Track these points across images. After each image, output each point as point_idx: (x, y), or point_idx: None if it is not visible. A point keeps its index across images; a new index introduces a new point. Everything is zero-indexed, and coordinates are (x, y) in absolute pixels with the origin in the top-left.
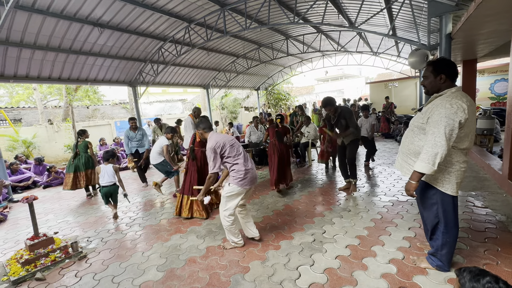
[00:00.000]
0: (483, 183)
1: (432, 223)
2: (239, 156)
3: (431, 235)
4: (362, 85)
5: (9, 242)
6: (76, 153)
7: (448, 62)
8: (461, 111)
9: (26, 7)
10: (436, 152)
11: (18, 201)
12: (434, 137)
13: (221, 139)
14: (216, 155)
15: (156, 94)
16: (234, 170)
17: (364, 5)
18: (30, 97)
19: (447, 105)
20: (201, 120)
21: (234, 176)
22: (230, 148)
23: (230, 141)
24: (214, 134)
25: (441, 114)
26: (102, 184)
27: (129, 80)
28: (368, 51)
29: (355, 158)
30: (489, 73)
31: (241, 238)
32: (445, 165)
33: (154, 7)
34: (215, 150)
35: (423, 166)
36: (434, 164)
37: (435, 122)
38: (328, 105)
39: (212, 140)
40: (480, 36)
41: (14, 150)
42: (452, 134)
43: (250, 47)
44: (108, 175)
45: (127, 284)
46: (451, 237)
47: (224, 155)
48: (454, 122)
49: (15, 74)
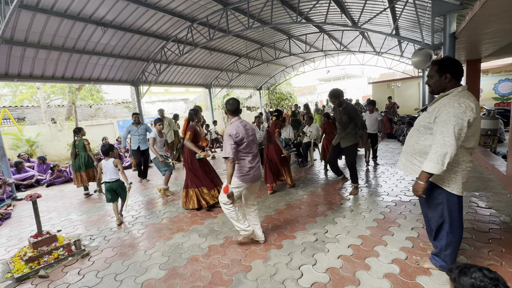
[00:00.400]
0: (487, 184)
1: (437, 223)
2: (249, 154)
3: (435, 236)
4: (364, 85)
5: (13, 239)
6: (76, 153)
7: (453, 61)
8: (470, 110)
9: (31, 7)
10: (445, 152)
11: (22, 199)
12: (443, 136)
13: (242, 132)
14: (231, 141)
15: (158, 94)
16: (239, 164)
17: (367, 4)
18: (34, 96)
19: (456, 104)
20: (228, 101)
21: (237, 170)
22: (246, 144)
23: (248, 136)
24: (237, 122)
25: (449, 113)
26: (105, 180)
27: (132, 79)
28: (371, 51)
29: (355, 162)
30: (493, 73)
31: (248, 224)
32: (451, 164)
33: (157, 6)
34: (232, 138)
35: (432, 166)
36: (444, 164)
37: (443, 121)
38: (333, 97)
39: (233, 128)
40: (484, 35)
41: (18, 148)
42: (461, 134)
43: (252, 46)
44: (109, 172)
45: (130, 282)
46: (455, 237)
47: (238, 145)
48: (463, 122)
49: (19, 73)
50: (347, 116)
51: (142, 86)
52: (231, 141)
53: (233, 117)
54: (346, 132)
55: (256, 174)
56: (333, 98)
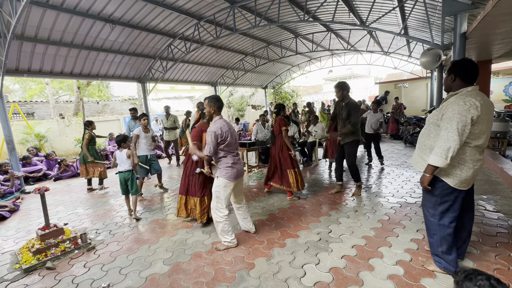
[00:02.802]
0: (495, 187)
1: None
2: (232, 152)
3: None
4: (371, 85)
5: (21, 231)
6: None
7: (461, 63)
8: (474, 108)
9: (41, 3)
10: (449, 146)
11: (30, 192)
12: (447, 132)
13: (225, 130)
14: (214, 140)
15: (164, 91)
16: (221, 162)
17: (376, 3)
18: (43, 92)
19: (461, 103)
20: (217, 98)
21: (220, 168)
22: (228, 143)
23: (232, 135)
24: (221, 120)
25: (454, 110)
26: (119, 170)
27: (139, 76)
28: (379, 51)
29: (355, 160)
30: (504, 75)
31: (234, 237)
32: (458, 162)
33: (165, 3)
34: (216, 135)
35: (436, 160)
36: (447, 158)
37: (448, 118)
38: (338, 87)
39: (217, 126)
40: (496, 36)
41: (27, 143)
42: (465, 130)
43: (259, 45)
44: (123, 162)
45: (134, 276)
46: (447, 230)
47: (220, 144)
48: (467, 119)
49: (29, 69)
50: (347, 112)
51: (148, 83)
52: (215, 139)
53: (217, 115)
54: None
55: (239, 170)
56: (337, 89)
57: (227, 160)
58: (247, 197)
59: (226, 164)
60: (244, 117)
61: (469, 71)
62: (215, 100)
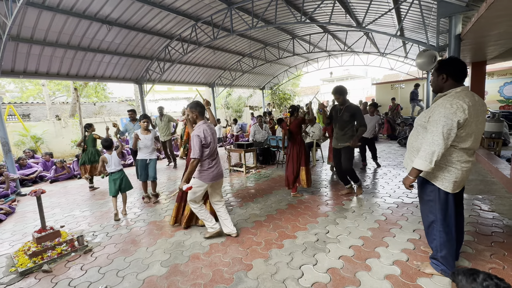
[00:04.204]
0: (490, 187)
1: (428, 220)
2: (211, 157)
3: (428, 236)
4: (368, 86)
5: (17, 234)
6: (84, 148)
7: (452, 61)
8: (461, 111)
9: (37, 4)
10: (433, 150)
11: (26, 194)
12: (432, 135)
13: (208, 134)
14: (199, 142)
15: (162, 92)
16: (199, 165)
17: (372, 5)
18: (40, 93)
19: (447, 105)
20: (198, 103)
21: (198, 170)
22: (211, 148)
23: (214, 141)
24: (204, 125)
25: (440, 113)
26: (110, 171)
27: (136, 77)
28: (375, 52)
29: (351, 165)
30: (499, 76)
31: (215, 223)
32: (445, 163)
33: (162, 5)
34: (200, 138)
35: (421, 163)
36: (431, 162)
37: (434, 121)
38: (338, 93)
39: (200, 130)
40: (490, 37)
41: (23, 144)
42: (450, 134)
43: (256, 46)
44: (114, 163)
45: (132, 278)
46: (447, 236)
47: (204, 147)
48: (453, 122)
49: (25, 70)
50: (348, 115)
51: (145, 84)
52: (199, 142)
53: (200, 120)
54: (344, 132)
55: (216, 173)
56: (337, 95)
57: (204, 163)
58: (245, 198)
59: (202, 167)
60: (241, 118)
61: (461, 69)
62: (196, 106)
